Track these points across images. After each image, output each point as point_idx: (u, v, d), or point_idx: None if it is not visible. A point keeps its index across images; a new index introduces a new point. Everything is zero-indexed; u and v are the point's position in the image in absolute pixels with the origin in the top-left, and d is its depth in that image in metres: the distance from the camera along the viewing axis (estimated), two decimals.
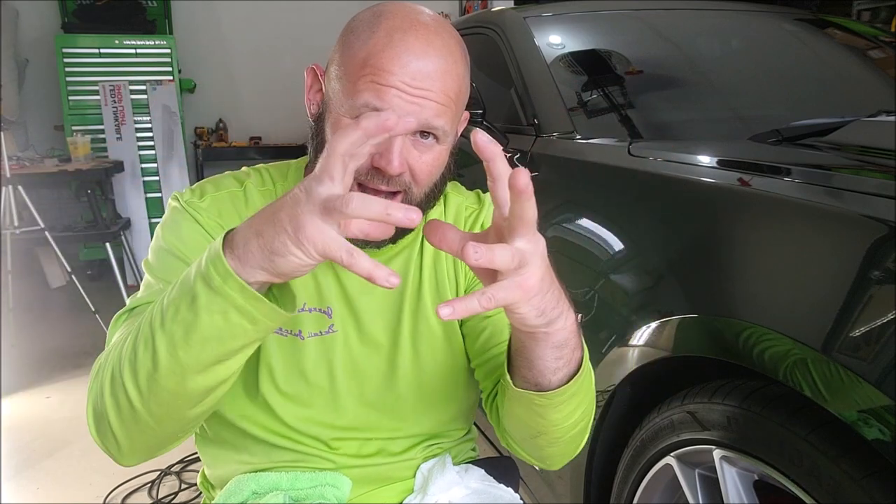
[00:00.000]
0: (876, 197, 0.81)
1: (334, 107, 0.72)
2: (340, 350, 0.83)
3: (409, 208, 0.51)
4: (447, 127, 0.72)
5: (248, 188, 0.83)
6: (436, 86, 0.69)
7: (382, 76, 0.67)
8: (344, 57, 0.72)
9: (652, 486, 1.09)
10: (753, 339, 0.85)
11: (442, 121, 0.70)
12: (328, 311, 0.82)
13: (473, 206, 0.91)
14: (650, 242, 1.12)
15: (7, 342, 3.01)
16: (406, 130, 0.68)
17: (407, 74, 0.67)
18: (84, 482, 2.08)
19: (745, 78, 1.81)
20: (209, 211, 0.80)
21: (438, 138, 0.72)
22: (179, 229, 0.78)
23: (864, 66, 1.96)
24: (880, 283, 0.73)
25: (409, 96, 0.68)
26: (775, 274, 0.87)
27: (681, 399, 1.00)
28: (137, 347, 0.62)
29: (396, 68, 0.67)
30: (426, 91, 0.68)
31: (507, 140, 1.68)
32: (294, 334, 0.81)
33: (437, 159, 0.74)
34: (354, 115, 0.69)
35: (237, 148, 5.07)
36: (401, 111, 0.67)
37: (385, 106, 0.67)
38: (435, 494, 0.86)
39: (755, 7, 2.10)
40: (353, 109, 0.69)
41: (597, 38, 1.94)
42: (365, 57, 0.69)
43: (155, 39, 4.42)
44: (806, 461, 0.79)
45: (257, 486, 0.83)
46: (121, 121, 4.26)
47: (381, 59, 0.68)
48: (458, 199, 0.91)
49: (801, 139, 1.22)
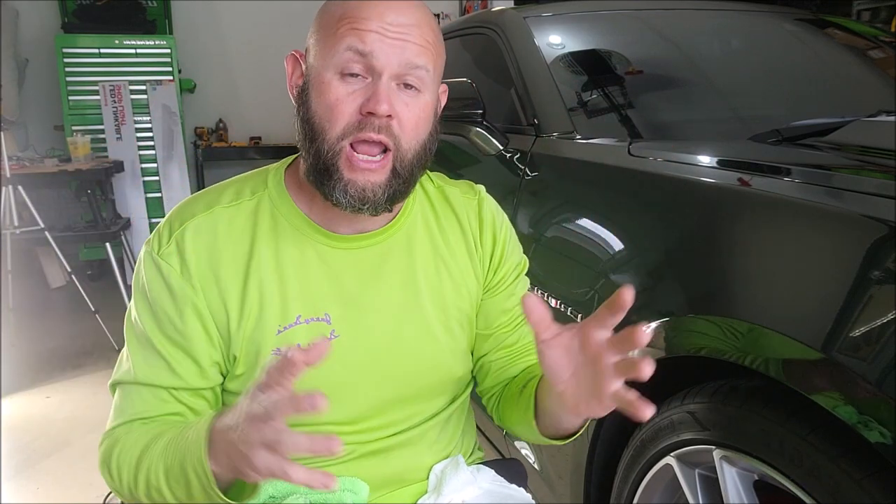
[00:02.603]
0: (876, 197, 0.81)
1: (316, 70, 0.74)
2: (348, 353, 0.81)
3: (328, 446, 0.56)
4: (429, 66, 0.74)
5: (217, 212, 0.81)
6: (413, 31, 0.73)
7: (361, 23, 0.71)
8: (321, 23, 0.75)
9: (652, 486, 1.09)
10: (753, 340, 0.85)
11: (424, 59, 0.73)
12: (326, 318, 0.80)
13: (472, 198, 0.92)
14: (650, 242, 1.12)
15: (7, 342, 3.01)
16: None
17: (384, 21, 0.71)
18: (84, 482, 2.08)
19: (745, 78, 1.81)
20: (173, 258, 0.79)
21: (421, 88, 0.74)
22: (147, 295, 0.79)
23: (864, 66, 1.96)
24: (880, 283, 0.73)
25: (389, 38, 0.71)
26: (775, 274, 0.87)
27: (681, 399, 1.00)
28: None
29: (374, 16, 0.71)
30: (405, 34, 0.72)
31: (507, 140, 1.68)
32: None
33: (424, 110, 0.76)
34: (339, 64, 0.72)
35: (237, 148, 5.07)
36: (382, 53, 0.71)
37: (367, 48, 0.71)
38: (449, 494, 0.86)
39: (755, 7, 2.10)
40: (337, 57, 0.72)
41: (597, 38, 1.94)
42: (342, 13, 0.73)
43: (155, 39, 4.42)
44: (806, 461, 0.79)
45: (274, 490, 0.82)
46: (121, 121, 4.26)
47: (357, 10, 0.72)
48: (458, 192, 0.92)
49: (801, 139, 1.22)
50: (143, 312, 0.79)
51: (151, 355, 0.78)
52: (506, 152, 1.65)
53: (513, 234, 0.94)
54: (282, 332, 0.79)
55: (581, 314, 1.20)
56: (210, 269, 0.78)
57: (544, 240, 1.38)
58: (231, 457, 0.63)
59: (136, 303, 0.80)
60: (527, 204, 1.47)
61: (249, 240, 0.80)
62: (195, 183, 4.91)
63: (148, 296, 0.78)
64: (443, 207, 0.90)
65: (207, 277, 0.78)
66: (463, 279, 0.88)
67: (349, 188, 0.73)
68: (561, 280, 1.30)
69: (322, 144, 0.73)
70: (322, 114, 0.73)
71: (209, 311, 0.78)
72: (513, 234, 0.95)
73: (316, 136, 0.74)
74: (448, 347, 0.87)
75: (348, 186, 0.73)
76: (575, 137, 1.50)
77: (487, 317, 0.91)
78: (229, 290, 0.78)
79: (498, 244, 0.91)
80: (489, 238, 0.90)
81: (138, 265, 0.81)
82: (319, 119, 0.74)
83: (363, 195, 0.74)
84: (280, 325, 0.79)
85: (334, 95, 0.72)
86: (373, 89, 0.71)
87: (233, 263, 0.79)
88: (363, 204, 0.74)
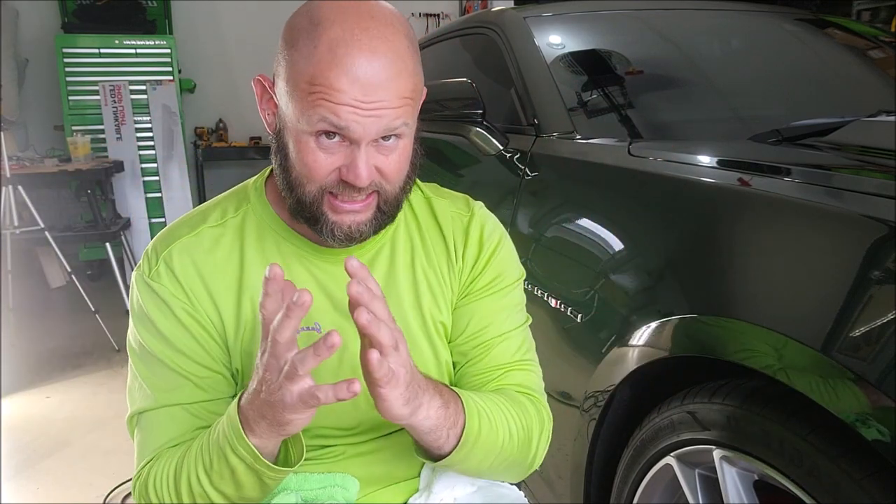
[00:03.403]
0: (876, 197, 0.81)
1: (291, 123, 0.72)
2: (336, 358, 0.81)
3: (351, 382, 0.60)
4: (409, 121, 0.72)
5: (203, 232, 0.82)
6: (389, 94, 0.68)
7: (334, 95, 0.67)
8: (290, 73, 0.70)
9: (652, 486, 1.09)
10: (753, 339, 0.85)
11: (401, 120, 0.70)
12: (316, 327, 0.81)
13: (465, 214, 0.89)
14: (650, 242, 1.12)
15: (7, 342, 3.01)
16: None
17: (358, 91, 0.67)
18: (84, 482, 2.09)
19: (745, 78, 1.81)
20: (167, 277, 0.79)
21: (401, 136, 0.73)
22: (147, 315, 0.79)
23: (864, 66, 1.96)
24: (880, 283, 0.73)
25: (363, 111, 0.67)
26: (775, 274, 0.87)
27: (681, 399, 1.00)
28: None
29: (346, 86, 0.66)
30: (380, 101, 0.68)
31: (507, 140, 1.68)
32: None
33: (403, 154, 0.75)
34: (314, 129, 0.69)
35: (237, 148, 5.06)
36: (358, 126, 0.68)
37: (342, 123, 0.67)
38: (440, 492, 0.86)
39: (755, 7, 2.10)
40: (312, 124, 0.69)
41: (597, 38, 1.94)
42: (312, 75, 0.67)
43: (155, 39, 4.42)
44: (806, 461, 0.79)
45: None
46: (121, 121, 4.26)
47: (328, 78, 0.67)
48: (448, 206, 0.90)
49: (801, 139, 1.22)
50: (148, 336, 0.79)
51: (168, 375, 0.78)
52: (506, 152, 1.65)
53: (505, 252, 0.90)
54: None
55: (581, 314, 1.20)
56: (202, 284, 0.79)
57: (544, 240, 1.38)
58: (264, 414, 0.65)
59: (138, 330, 0.79)
60: (527, 204, 1.47)
61: (238, 255, 0.81)
62: (195, 183, 4.91)
63: (149, 317, 0.78)
64: (427, 220, 0.89)
65: (200, 292, 0.79)
66: (441, 291, 0.87)
67: (335, 230, 0.75)
68: (561, 280, 1.30)
69: (303, 196, 0.74)
70: (300, 169, 0.73)
71: (210, 322, 0.79)
72: (506, 251, 0.90)
73: (295, 187, 0.74)
74: (430, 355, 0.87)
75: (334, 228, 0.75)
76: (575, 137, 1.49)
77: (455, 324, 0.88)
78: (223, 305, 0.79)
79: (482, 256, 0.87)
80: (473, 251, 0.87)
81: (132, 293, 0.81)
82: (297, 174, 0.73)
83: (350, 233, 0.75)
84: None
85: (312, 157, 0.71)
86: (351, 158, 0.70)
87: (224, 279, 0.80)
88: (350, 241, 0.76)
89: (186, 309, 0.78)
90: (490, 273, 0.88)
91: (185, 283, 0.78)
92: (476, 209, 0.91)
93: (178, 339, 0.78)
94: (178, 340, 0.78)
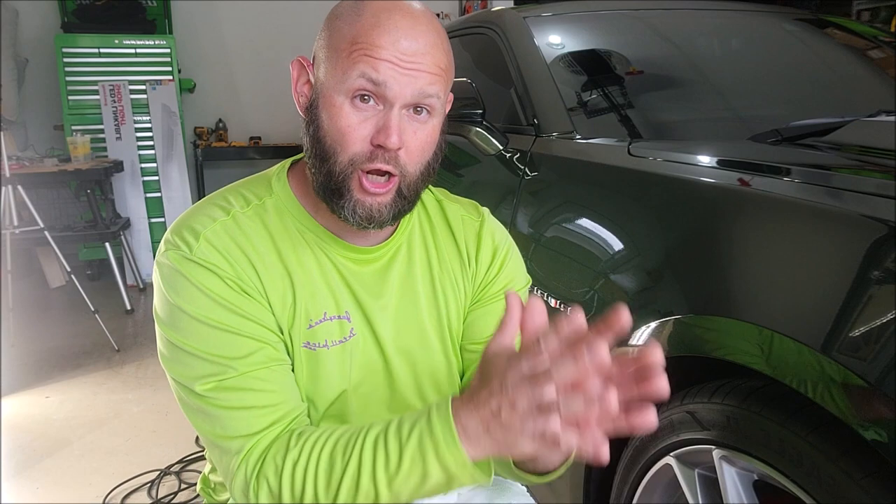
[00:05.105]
0: (876, 197, 0.81)
1: (326, 89, 0.74)
2: (359, 354, 0.83)
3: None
4: (441, 94, 0.75)
5: (236, 214, 0.80)
6: (426, 59, 0.72)
7: (375, 51, 0.71)
8: (332, 40, 0.74)
9: (652, 486, 1.09)
10: (754, 340, 0.85)
11: (436, 87, 0.74)
12: (346, 316, 0.82)
13: (475, 219, 0.92)
14: (650, 242, 1.12)
15: (7, 342, 3.01)
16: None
17: (398, 50, 0.71)
18: (84, 482, 2.08)
19: (745, 78, 1.81)
20: (212, 253, 0.76)
21: (431, 112, 0.75)
22: (202, 290, 0.75)
23: (864, 66, 1.97)
24: (880, 283, 0.73)
25: (402, 69, 0.71)
26: (775, 274, 0.87)
27: (680, 399, 1.00)
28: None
29: (387, 44, 0.71)
30: (418, 63, 0.72)
31: (506, 140, 1.68)
32: (322, 346, 0.81)
33: (431, 135, 0.77)
34: (351, 89, 0.71)
35: (237, 148, 5.06)
36: (395, 83, 0.71)
37: (380, 77, 0.71)
38: None
39: (755, 7, 2.10)
40: (349, 82, 0.71)
41: (597, 38, 1.94)
42: (354, 35, 0.72)
43: (155, 39, 4.42)
44: (806, 461, 0.79)
45: None
46: (120, 121, 4.26)
47: (371, 36, 0.71)
48: (459, 210, 0.92)
49: (800, 139, 1.22)
50: (208, 311, 0.74)
51: (241, 343, 0.74)
52: (506, 152, 1.66)
53: (515, 259, 0.93)
54: (312, 327, 0.80)
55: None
56: (247, 261, 0.77)
57: (544, 240, 1.38)
58: (495, 436, 0.60)
59: (192, 311, 0.74)
60: (526, 204, 1.47)
61: (271, 240, 0.80)
62: (195, 183, 4.91)
63: (205, 293, 0.74)
64: (440, 222, 0.91)
65: (248, 269, 0.77)
66: (454, 293, 0.89)
67: (357, 208, 0.75)
68: (561, 280, 1.30)
69: (334, 167, 0.74)
70: (333, 136, 0.74)
71: (261, 296, 0.78)
72: (515, 258, 0.93)
73: (327, 157, 0.75)
74: (441, 356, 0.88)
75: (357, 206, 0.75)
76: (575, 137, 1.50)
77: (470, 328, 0.90)
78: (269, 283, 0.78)
79: (496, 261, 0.90)
80: (487, 255, 0.90)
81: (170, 280, 0.75)
82: (331, 141, 0.74)
83: (370, 214, 0.76)
84: (311, 320, 0.80)
85: (346, 122, 0.73)
86: (384, 120, 0.72)
87: (264, 258, 0.79)
88: (370, 222, 0.76)
89: (238, 284, 0.76)
90: (503, 279, 0.90)
91: (233, 261, 0.76)
92: (486, 215, 0.93)
93: (242, 305, 0.75)
94: (242, 307, 0.75)
